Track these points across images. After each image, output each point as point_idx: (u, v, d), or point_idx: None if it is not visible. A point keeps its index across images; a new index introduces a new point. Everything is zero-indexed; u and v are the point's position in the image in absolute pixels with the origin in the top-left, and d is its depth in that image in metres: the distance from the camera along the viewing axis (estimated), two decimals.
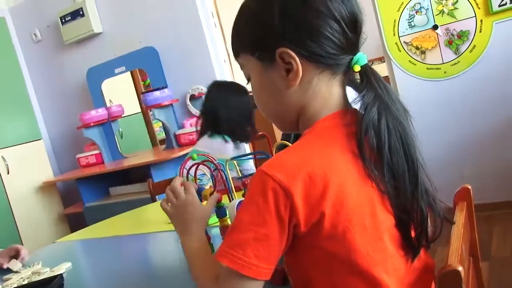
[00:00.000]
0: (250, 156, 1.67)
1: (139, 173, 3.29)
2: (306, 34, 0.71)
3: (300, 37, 0.71)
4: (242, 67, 0.81)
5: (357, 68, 0.74)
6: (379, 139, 0.70)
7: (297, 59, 0.72)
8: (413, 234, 0.74)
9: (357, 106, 0.73)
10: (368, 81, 0.73)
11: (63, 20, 3.64)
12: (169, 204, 0.95)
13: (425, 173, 0.74)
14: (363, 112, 0.71)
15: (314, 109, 0.75)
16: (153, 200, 2.24)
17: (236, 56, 0.82)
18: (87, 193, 3.50)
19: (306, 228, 0.67)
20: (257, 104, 0.82)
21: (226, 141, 2.09)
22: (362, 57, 0.74)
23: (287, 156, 0.71)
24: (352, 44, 0.74)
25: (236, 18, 0.79)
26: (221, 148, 2.06)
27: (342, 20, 0.71)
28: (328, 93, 0.75)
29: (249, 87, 0.85)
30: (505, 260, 2.29)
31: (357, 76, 0.75)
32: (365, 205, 0.70)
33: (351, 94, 0.76)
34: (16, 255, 1.46)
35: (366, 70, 0.74)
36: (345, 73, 0.76)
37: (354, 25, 0.73)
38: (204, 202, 0.98)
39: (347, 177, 0.69)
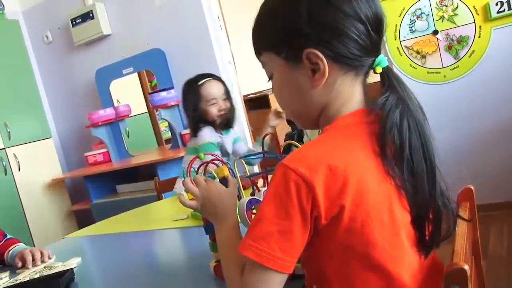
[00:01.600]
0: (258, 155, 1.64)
1: (146, 171, 3.33)
2: (333, 35, 0.71)
3: (327, 38, 0.71)
4: (264, 65, 0.81)
5: (379, 69, 0.75)
6: (401, 138, 0.71)
7: (324, 60, 0.72)
8: (427, 231, 0.75)
9: (379, 106, 0.73)
10: (390, 83, 0.74)
11: (74, 23, 3.69)
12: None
13: (440, 173, 0.75)
14: (386, 112, 0.71)
15: (336, 108, 0.76)
16: (159, 197, 2.24)
17: (258, 54, 0.81)
18: (95, 190, 3.54)
19: (326, 221, 0.68)
20: (279, 101, 0.82)
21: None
22: (383, 59, 0.75)
23: (309, 150, 0.72)
24: (375, 45, 0.74)
25: (258, 17, 0.79)
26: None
27: (368, 22, 0.72)
28: (350, 93, 0.76)
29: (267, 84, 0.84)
30: (501, 260, 2.33)
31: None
32: (383, 201, 0.70)
33: None
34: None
35: (388, 72, 0.75)
36: (366, 73, 0.77)
37: (378, 26, 0.74)
38: None
39: (367, 172, 0.69)
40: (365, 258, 0.70)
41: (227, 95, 2.11)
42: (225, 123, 2.12)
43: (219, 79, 2.12)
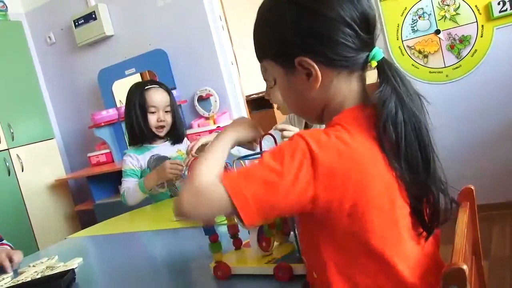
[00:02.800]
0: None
1: None
2: (320, 43, 0.73)
3: (315, 46, 0.74)
4: (266, 71, 0.86)
5: (374, 63, 0.76)
6: (397, 132, 0.72)
7: (315, 65, 0.74)
8: (426, 217, 0.77)
9: (375, 100, 0.75)
10: (385, 76, 0.75)
11: (76, 24, 3.70)
12: None
13: (437, 161, 0.76)
14: (380, 107, 0.73)
15: (337, 103, 0.79)
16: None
17: (260, 61, 0.86)
18: (98, 190, 3.55)
19: (325, 203, 0.69)
20: (285, 102, 0.87)
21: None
22: (378, 52, 0.76)
23: (322, 132, 0.73)
24: (366, 43, 0.75)
25: (254, 27, 0.83)
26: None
27: (354, 23, 0.73)
28: (348, 89, 0.78)
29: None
30: (504, 260, 2.33)
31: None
32: (385, 191, 0.72)
33: None
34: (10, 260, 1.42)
35: (383, 65, 0.76)
36: (363, 67, 0.78)
37: (366, 25, 0.75)
38: None
39: (372, 161, 0.71)
40: (365, 245, 0.71)
41: (171, 108, 2.05)
42: (172, 139, 2.09)
43: (166, 89, 2.07)
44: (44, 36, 4.06)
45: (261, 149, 0.93)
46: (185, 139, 2.18)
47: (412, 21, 2.92)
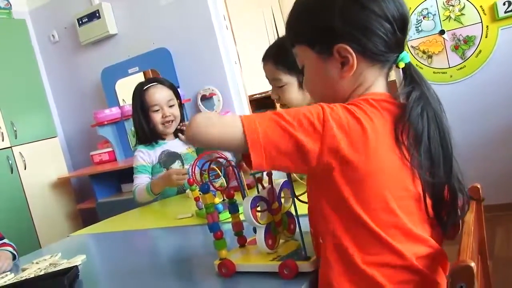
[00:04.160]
0: None
1: None
2: (362, 33, 0.79)
3: (357, 35, 0.79)
4: (296, 57, 0.90)
5: (401, 65, 0.82)
6: (422, 128, 0.77)
7: (354, 54, 0.79)
8: (444, 211, 0.81)
9: (405, 95, 0.81)
10: (412, 78, 0.81)
11: (80, 22, 3.70)
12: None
13: (456, 161, 0.82)
14: (411, 104, 0.78)
15: (362, 92, 0.83)
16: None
17: (292, 46, 0.89)
18: (100, 189, 3.55)
19: (327, 161, 0.72)
20: (309, 90, 0.91)
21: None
22: (406, 56, 0.82)
23: (338, 105, 0.78)
24: (399, 43, 0.82)
25: (293, 12, 0.87)
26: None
27: (394, 22, 0.79)
28: (374, 81, 0.83)
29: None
30: (508, 260, 2.33)
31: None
32: (390, 167, 0.76)
33: None
34: None
35: (410, 68, 0.83)
36: (389, 68, 0.85)
37: (403, 26, 0.82)
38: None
39: (385, 139, 0.76)
40: (363, 223, 0.75)
41: (176, 102, 2.05)
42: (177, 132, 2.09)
43: (166, 84, 2.05)
44: (47, 34, 4.06)
45: None
46: None
47: (417, 21, 2.92)
